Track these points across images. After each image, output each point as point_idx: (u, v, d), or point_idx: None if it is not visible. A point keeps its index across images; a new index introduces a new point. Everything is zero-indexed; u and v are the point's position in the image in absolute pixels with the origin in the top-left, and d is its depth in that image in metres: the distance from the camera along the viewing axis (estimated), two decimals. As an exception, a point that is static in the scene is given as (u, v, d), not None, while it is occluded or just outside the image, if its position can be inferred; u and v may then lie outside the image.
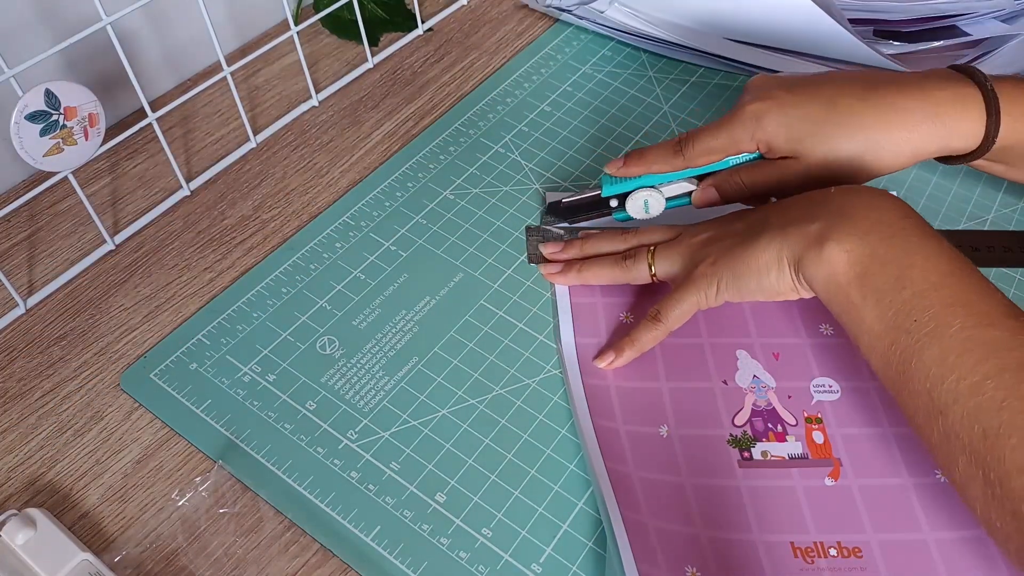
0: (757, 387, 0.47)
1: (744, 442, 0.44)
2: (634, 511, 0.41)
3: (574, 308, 0.50)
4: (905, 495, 0.43)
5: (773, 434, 0.45)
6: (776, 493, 0.42)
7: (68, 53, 0.54)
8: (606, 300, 0.50)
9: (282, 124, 0.61)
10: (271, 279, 0.52)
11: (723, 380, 0.47)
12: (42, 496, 0.43)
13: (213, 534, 0.41)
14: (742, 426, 0.45)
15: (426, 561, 0.41)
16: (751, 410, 0.46)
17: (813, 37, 0.60)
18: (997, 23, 0.63)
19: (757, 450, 0.44)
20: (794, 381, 0.47)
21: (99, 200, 0.56)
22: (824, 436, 0.45)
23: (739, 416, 0.45)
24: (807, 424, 0.45)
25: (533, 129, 0.61)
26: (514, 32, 0.69)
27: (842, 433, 0.45)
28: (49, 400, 0.47)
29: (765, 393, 0.46)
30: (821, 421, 0.45)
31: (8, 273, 0.51)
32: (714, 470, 0.43)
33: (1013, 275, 0.53)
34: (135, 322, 0.50)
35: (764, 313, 0.50)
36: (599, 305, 0.50)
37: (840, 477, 0.43)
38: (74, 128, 0.46)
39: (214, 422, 0.45)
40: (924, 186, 0.58)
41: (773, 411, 0.46)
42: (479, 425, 0.45)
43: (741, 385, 0.47)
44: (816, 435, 0.45)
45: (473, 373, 0.47)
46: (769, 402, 0.46)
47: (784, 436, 0.45)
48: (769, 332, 0.49)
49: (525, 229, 0.54)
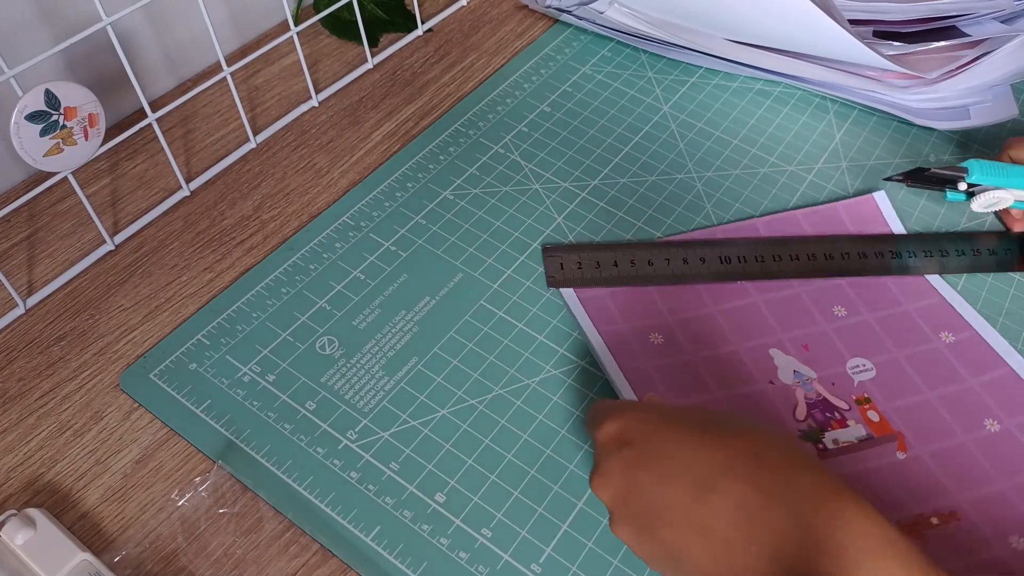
0: (801, 381, 0.47)
1: (814, 435, 0.45)
2: None
3: (600, 331, 0.49)
4: (967, 451, 0.44)
5: (834, 422, 0.45)
6: (862, 477, 0.43)
7: (68, 53, 0.54)
8: (629, 325, 0.49)
9: (282, 124, 0.61)
10: (271, 279, 0.52)
11: (769, 381, 0.47)
12: (42, 496, 0.43)
13: (213, 534, 0.41)
14: (804, 420, 0.45)
15: (426, 561, 0.41)
16: (805, 404, 0.46)
17: (813, 38, 0.60)
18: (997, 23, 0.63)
19: (828, 439, 0.45)
20: (831, 368, 0.48)
21: (99, 200, 0.56)
22: (878, 413, 0.46)
23: (797, 411, 0.46)
24: (859, 406, 0.46)
25: (533, 129, 0.61)
26: (514, 32, 0.69)
27: (892, 407, 0.46)
28: (49, 400, 0.47)
29: (811, 385, 0.47)
30: (870, 400, 0.46)
31: (8, 273, 0.51)
32: None
33: (1013, 275, 0.53)
34: (135, 322, 0.50)
35: (780, 309, 0.50)
36: (628, 332, 0.49)
37: (908, 449, 0.44)
38: (74, 128, 0.46)
39: (214, 422, 0.45)
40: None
41: (825, 400, 0.46)
42: (479, 425, 0.45)
43: (786, 382, 0.47)
44: (871, 414, 0.46)
45: (473, 373, 0.47)
46: (818, 393, 0.47)
47: (844, 422, 0.46)
48: (792, 325, 0.49)
49: (542, 249, 0.53)
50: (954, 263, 0.53)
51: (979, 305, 0.51)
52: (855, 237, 0.54)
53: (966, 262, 0.53)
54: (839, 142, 0.61)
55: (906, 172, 0.54)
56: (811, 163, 0.59)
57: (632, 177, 0.58)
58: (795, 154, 0.60)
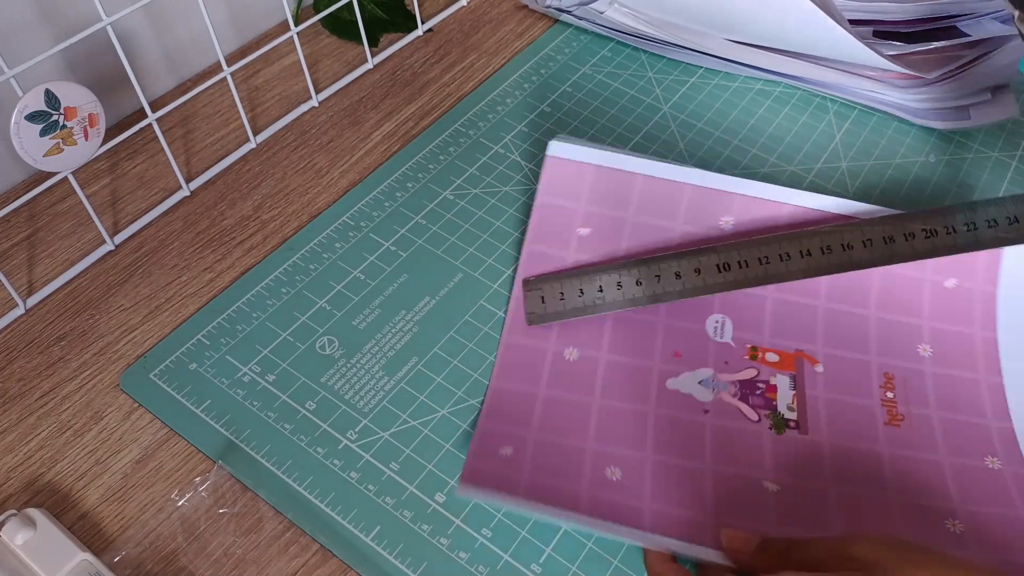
0: (714, 387, 0.47)
1: (777, 419, 0.45)
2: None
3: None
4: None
5: (767, 389, 0.47)
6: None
7: (68, 53, 0.54)
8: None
9: (282, 124, 0.61)
10: (271, 279, 0.52)
11: (703, 411, 0.46)
12: (41, 496, 0.43)
13: (213, 534, 0.41)
14: (757, 418, 0.46)
15: (426, 561, 0.41)
16: (741, 402, 0.46)
17: (813, 38, 0.60)
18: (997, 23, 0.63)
19: (784, 410, 0.46)
20: (708, 353, 0.48)
21: (99, 200, 0.56)
22: (775, 353, 0.48)
23: (749, 414, 0.46)
24: (753, 360, 0.48)
25: (533, 129, 0.61)
26: (514, 32, 0.69)
27: (777, 343, 0.48)
28: (49, 400, 0.47)
29: (720, 381, 0.47)
30: (756, 348, 0.48)
31: (8, 273, 0.51)
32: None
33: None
34: (135, 322, 0.50)
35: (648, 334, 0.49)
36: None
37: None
38: (74, 128, 0.46)
39: (214, 422, 0.45)
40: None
41: (741, 383, 0.47)
42: (479, 425, 0.45)
43: (707, 399, 0.46)
44: (769, 356, 0.48)
45: (473, 373, 0.47)
46: (732, 382, 0.47)
47: (771, 385, 0.47)
48: (667, 346, 0.48)
49: (522, 283, 0.49)
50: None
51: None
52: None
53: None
54: (839, 142, 0.61)
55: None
56: (811, 163, 0.59)
57: (632, 177, 0.58)
58: (795, 154, 0.60)
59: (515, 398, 0.45)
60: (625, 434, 0.44)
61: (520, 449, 0.43)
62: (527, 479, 0.41)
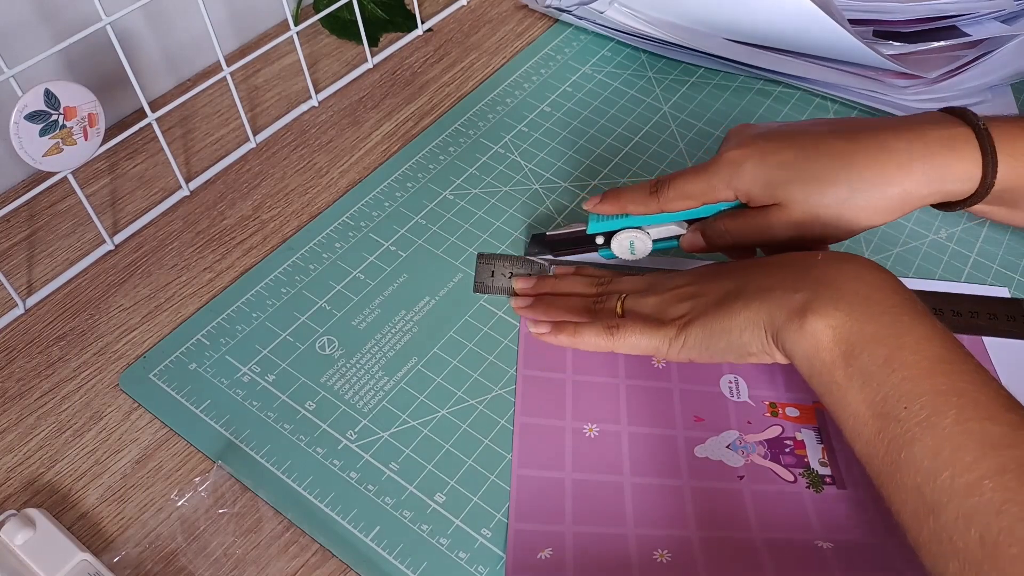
0: (742, 450, 0.45)
1: (814, 478, 0.44)
2: None
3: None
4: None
5: (795, 445, 0.46)
6: None
7: (68, 53, 0.54)
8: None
9: (282, 124, 0.61)
10: (270, 279, 0.52)
11: (738, 476, 0.45)
12: (41, 496, 0.43)
13: (212, 534, 0.41)
14: (793, 479, 0.45)
15: (426, 561, 0.41)
16: (773, 463, 0.45)
17: (813, 37, 0.60)
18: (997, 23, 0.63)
19: (816, 466, 0.45)
20: (729, 417, 0.47)
21: (99, 200, 0.56)
22: (794, 408, 0.47)
23: (784, 475, 0.45)
24: (773, 416, 0.47)
25: (533, 129, 0.61)
26: (514, 32, 0.69)
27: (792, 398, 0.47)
28: (48, 400, 0.47)
29: (748, 444, 0.46)
30: (775, 404, 0.47)
31: (8, 273, 0.51)
32: None
33: (1012, 275, 0.53)
34: (134, 322, 0.50)
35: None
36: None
37: None
38: (74, 128, 0.46)
39: (213, 422, 0.45)
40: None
41: (768, 442, 0.46)
42: (479, 425, 0.45)
43: (738, 464, 0.45)
44: (789, 411, 0.47)
45: (472, 373, 0.47)
46: (758, 443, 0.46)
47: (799, 441, 0.46)
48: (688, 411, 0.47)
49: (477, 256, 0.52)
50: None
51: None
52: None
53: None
54: (839, 142, 0.61)
55: (528, 241, 0.53)
56: (811, 163, 0.59)
57: (632, 177, 0.58)
58: (795, 154, 0.60)
59: (542, 486, 0.43)
60: (665, 513, 0.42)
61: (560, 548, 0.40)
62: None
